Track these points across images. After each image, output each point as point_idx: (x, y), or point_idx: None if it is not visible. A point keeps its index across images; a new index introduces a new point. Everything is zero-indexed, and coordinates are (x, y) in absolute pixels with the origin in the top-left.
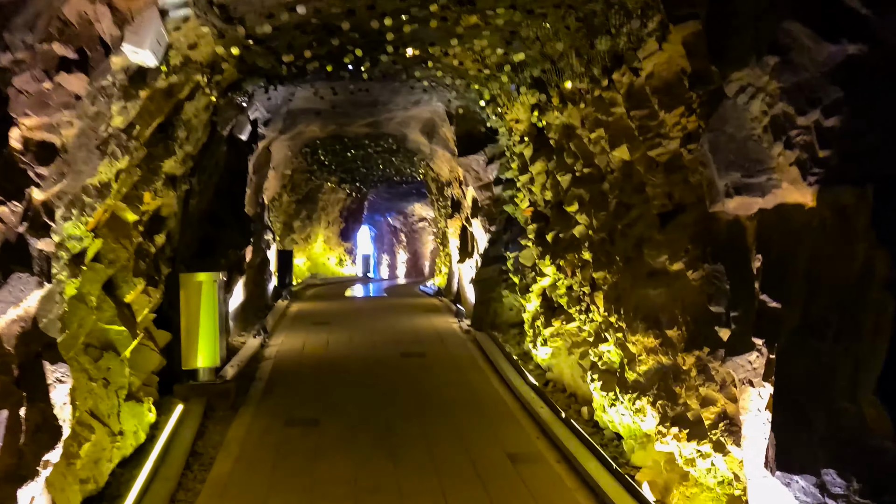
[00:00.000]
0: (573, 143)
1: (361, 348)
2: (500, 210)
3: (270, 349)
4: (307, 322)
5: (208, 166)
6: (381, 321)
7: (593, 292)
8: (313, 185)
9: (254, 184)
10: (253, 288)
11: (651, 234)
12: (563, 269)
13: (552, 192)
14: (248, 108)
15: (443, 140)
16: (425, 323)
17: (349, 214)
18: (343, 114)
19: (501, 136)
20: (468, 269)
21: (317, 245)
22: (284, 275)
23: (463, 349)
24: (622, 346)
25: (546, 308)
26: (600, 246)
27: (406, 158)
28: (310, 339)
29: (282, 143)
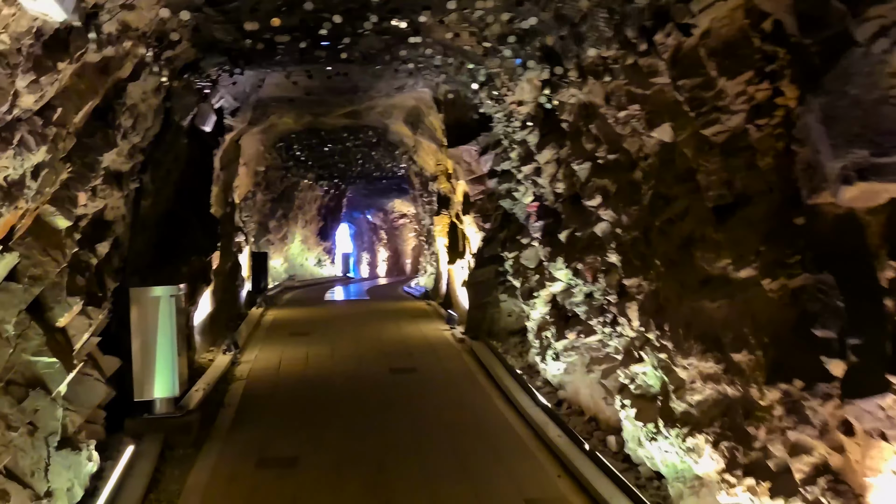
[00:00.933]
0: (594, 124)
1: (345, 363)
2: (496, 205)
3: (242, 367)
4: (284, 332)
5: (165, 161)
6: (365, 329)
7: (623, 301)
8: (289, 183)
9: (221, 181)
10: (223, 296)
11: (704, 232)
12: (581, 273)
13: (565, 184)
14: (211, 96)
15: (429, 130)
16: (414, 331)
17: (327, 212)
18: (319, 102)
19: (497, 124)
20: (460, 271)
21: (294, 245)
22: (259, 279)
23: (458, 362)
24: (666, 368)
25: (557, 317)
26: (632, 247)
27: (387, 152)
28: (287, 353)
29: (253, 137)
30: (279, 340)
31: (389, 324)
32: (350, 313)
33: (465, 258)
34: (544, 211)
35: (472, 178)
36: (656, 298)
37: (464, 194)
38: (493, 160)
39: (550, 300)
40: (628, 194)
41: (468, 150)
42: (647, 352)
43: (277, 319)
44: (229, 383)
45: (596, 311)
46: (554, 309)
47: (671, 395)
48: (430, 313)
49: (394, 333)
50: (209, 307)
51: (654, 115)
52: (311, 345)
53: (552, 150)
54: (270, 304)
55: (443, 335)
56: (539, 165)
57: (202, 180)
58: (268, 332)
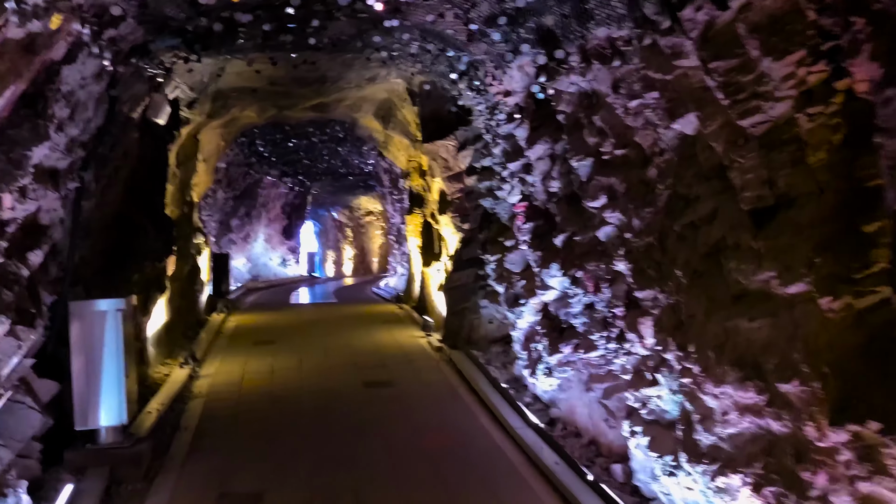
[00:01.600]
0: (599, 115)
1: (314, 376)
2: (475, 205)
3: (201, 382)
4: (247, 341)
5: (112, 157)
6: (335, 336)
7: (633, 315)
8: (252, 180)
9: (178, 179)
10: (180, 303)
11: (739, 238)
12: (580, 281)
13: (561, 183)
14: (165, 85)
15: (401, 124)
16: (387, 338)
17: (292, 210)
18: (284, 94)
19: (478, 117)
20: (436, 274)
21: (258, 245)
22: (220, 282)
23: (437, 374)
24: (690, 395)
25: (550, 328)
26: (645, 254)
27: (354, 148)
28: (251, 365)
29: (213, 131)
30: (242, 350)
31: (360, 330)
32: (318, 318)
33: (441, 260)
34: (534, 212)
35: (450, 176)
36: (676, 313)
37: (440, 192)
38: (472, 156)
39: (541, 309)
40: (640, 194)
41: (445, 146)
42: (666, 374)
43: (240, 326)
44: (186, 402)
45: (598, 325)
46: (546, 319)
47: (695, 426)
48: (404, 318)
49: (366, 341)
50: (165, 316)
51: (675, 103)
52: (276, 355)
53: (545, 144)
54: (233, 309)
55: (418, 343)
56: (529, 162)
57: (156, 178)
58: (230, 340)
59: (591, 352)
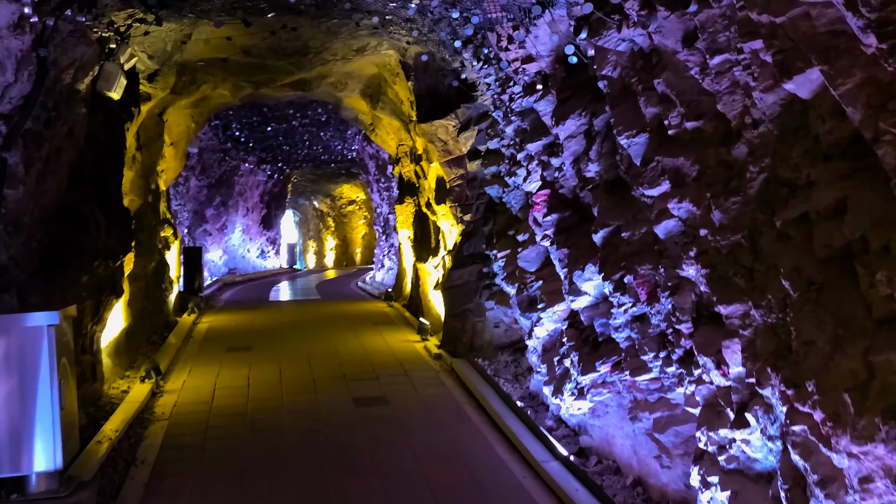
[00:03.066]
0: (663, 78)
1: (297, 391)
2: (479, 193)
3: (165, 400)
4: (220, 346)
5: (51, 136)
6: (319, 341)
7: (706, 334)
8: (228, 167)
9: (140, 164)
10: (144, 305)
11: (891, 240)
12: (626, 287)
13: (602, 165)
14: (119, 52)
15: (391, 103)
16: (378, 343)
17: (271, 199)
18: (260, 67)
19: (484, 92)
20: (432, 270)
21: (234, 236)
22: (193, 278)
23: (438, 387)
24: (802, 447)
25: (580, 340)
26: (729, 256)
27: (337, 132)
28: (224, 377)
29: (181, 112)
30: (214, 358)
31: (347, 333)
32: (299, 319)
33: (438, 256)
34: (558, 201)
35: (449, 160)
36: (778, 337)
37: (437, 179)
38: (475, 138)
39: (568, 317)
40: (721, 179)
41: (444, 126)
42: (758, 413)
43: (213, 329)
44: (146, 427)
45: (652, 342)
46: (574, 329)
47: (813, 490)
48: (395, 319)
49: (354, 347)
50: (123, 322)
51: (788, 56)
52: (253, 365)
53: (578, 119)
54: (206, 308)
55: (413, 349)
56: (555, 141)
57: (110, 162)
58: (201, 346)
59: (641, 374)
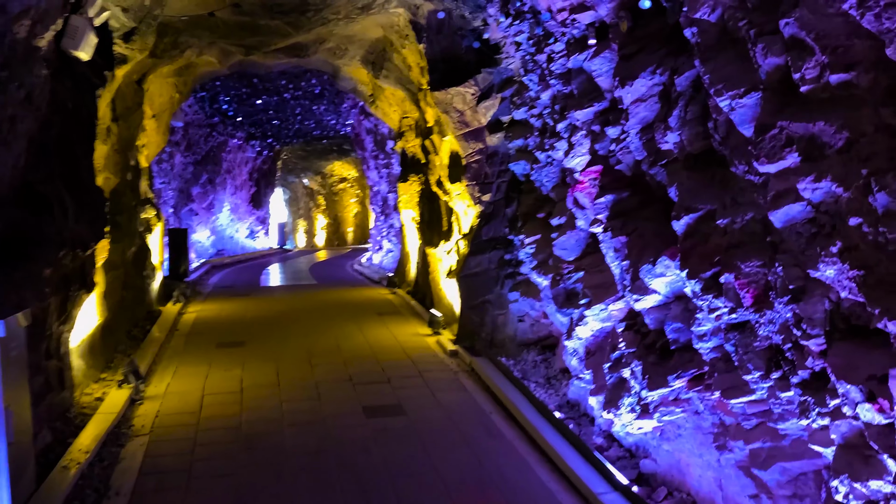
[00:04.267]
0: (793, 18)
1: (298, 398)
2: (501, 169)
3: (146, 409)
4: (209, 340)
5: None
6: (319, 335)
7: (842, 351)
8: (215, 143)
9: (116, 137)
10: (123, 295)
11: None
12: (721, 288)
13: (687, 134)
14: (87, 4)
15: (397, 71)
16: (385, 337)
17: (260, 177)
18: (251, 27)
19: (511, 55)
20: (444, 256)
21: (222, 215)
22: (178, 262)
23: (459, 392)
24: None
25: (643, 346)
26: (891, 253)
27: (332, 106)
28: (213, 380)
29: (164, 80)
30: (202, 356)
31: (350, 325)
32: (295, 308)
33: (451, 240)
34: (613, 179)
35: (466, 133)
36: None
37: (451, 155)
38: (498, 107)
39: (626, 317)
40: (883, 150)
41: (461, 94)
42: None
43: (201, 320)
44: (123, 444)
45: (757, 357)
46: (633, 332)
47: None
48: (400, 308)
49: (359, 342)
50: (98, 317)
51: None
52: (247, 364)
53: (652, 78)
54: (192, 296)
55: (425, 344)
56: (615, 107)
57: (80, 135)
58: (187, 341)
59: (738, 395)
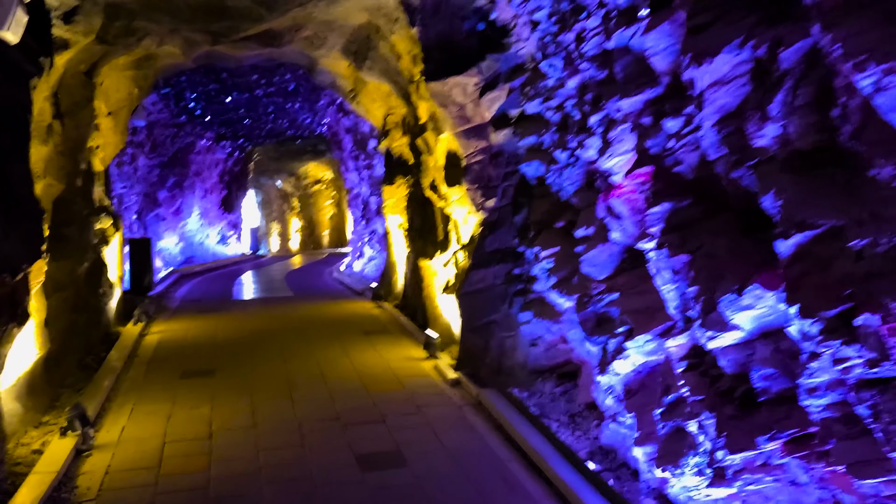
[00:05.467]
0: None
1: (279, 443)
2: (508, 171)
3: (94, 462)
4: (173, 369)
5: None
6: (299, 360)
7: None
8: (182, 144)
9: (62, 136)
10: (72, 320)
11: None
12: (854, 331)
13: (796, 125)
14: None
15: (383, 62)
16: (374, 361)
17: (231, 179)
18: (218, 10)
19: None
20: (440, 269)
21: (191, 220)
22: (141, 276)
23: (466, 433)
24: None
25: (715, 393)
26: None
27: (306, 104)
28: (177, 421)
29: (121, 73)
30: (165, 389)
31: (333, 347)
32: (271, 326)
33: (448, 251)
34: (668, 184)
35: (467, 130)
36: None
37: (448, 155)
38: (505, 99)
39: (688, 354)
40: None
41: (462, 85)
42: None
43: (165, 343)
44: None
45: None
46: (699, 374)
47: None
48: (388, 325)
49: (345, 368)
50: (37, 350)
51: None
52: (217, 399)
53: (737, 53)
54: (157, 312)
55: (421, 370)
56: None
57: (10, 134)
58: (148, 370)
59: (874, 475)
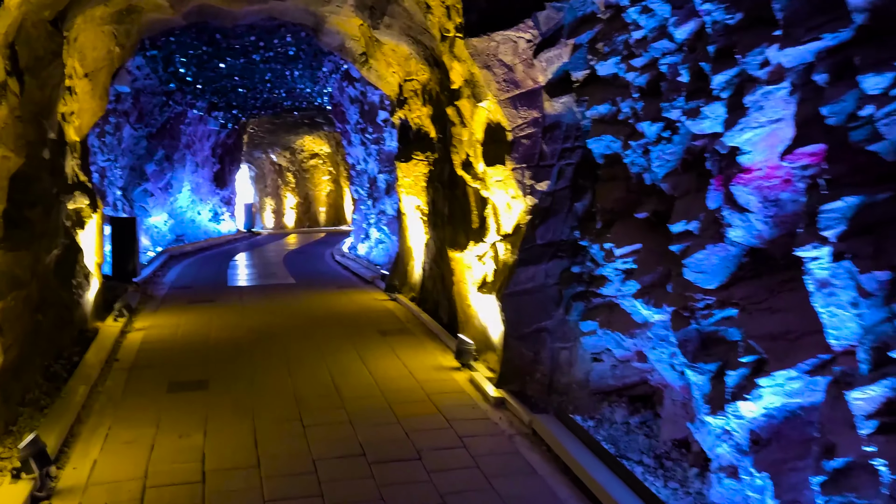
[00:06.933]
0: None
1: (290, 489)
2: (565, 147)
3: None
4: (159, 379)
5: None
6: (307, 368)
7: None
8: (172, 114)
9: (20, 98)
10: (36, 321)
11: None
12: None
13: None
14: None
15: (405, 15)
16: (397, 371)
17: (224, 152)
18: None
19: None
20: (474, 262)
21: (182, 196)
22: (125, 260)
23: (527, 478)
24: None
25: None
26: None
27: (308, 70)
28: (161, 454)
29: (97, 28)
30: (148, 408)
31: (346, 350)
32: (272, 321)
33: (485, 241)
34: (853, 168)
35: (514, 97)
36: None
37: (487, 127)
38: (569, 58)
39: (884, 409)
40: None
41: (512, 42)
42: None
43: (150, 342)
44: None
45: None
46: None
47: None
48: (408, 324)
49: (364, 381)
50: None
51: None
52: (210, 423)
53: None
54: (141, 302)
55: (455, 385)
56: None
57: None
58: (129, 380)
59: None
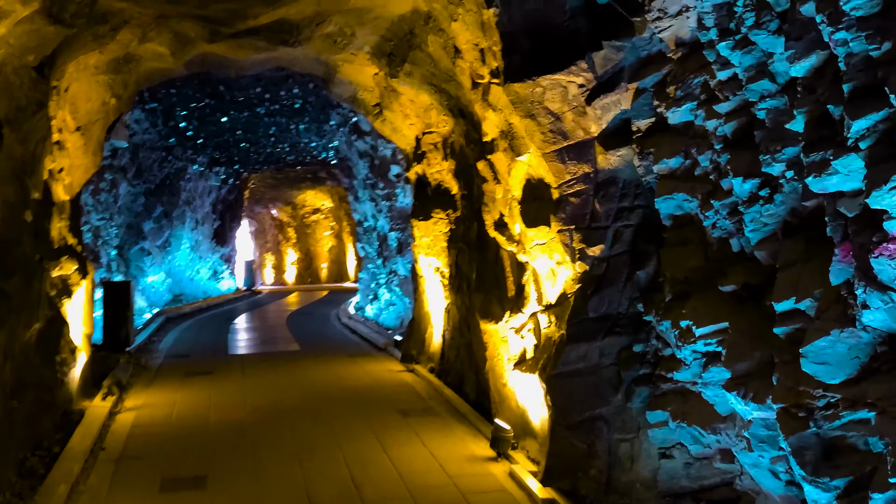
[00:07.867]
0: None
1: None
2: (622, 206)
3: None
4: (151, 475)
5: None
6: (321, 458)
7: None
8: (172, 169)
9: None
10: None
11: None
12: None
13: None
14: None
15: (429, 62)
16: (424, 465)
17: (225, 208)
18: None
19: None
20: (510, 335)
21: (181, 254)
22: (118, 327)
23: None
24: None
25: None
26: None
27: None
28: None
29: (91, 77)
30: None
31: (363, 435)
32: (278, 399)
33: (524, 312)
34: None
35: (561, 149)
36: None
37: (527, 183)
38: (630, 105)
39: None
40: None
41: (561, 87)
42: None
43: (141, 428)
44: None
45: None
46: None
47: None
48: (430, 401)
49: (386, 476)
50: None
51: None
52: None
53: None
54: (135, 373)
55: (493, 480)
56: None
57: None
58: (115, 477)
59: None
